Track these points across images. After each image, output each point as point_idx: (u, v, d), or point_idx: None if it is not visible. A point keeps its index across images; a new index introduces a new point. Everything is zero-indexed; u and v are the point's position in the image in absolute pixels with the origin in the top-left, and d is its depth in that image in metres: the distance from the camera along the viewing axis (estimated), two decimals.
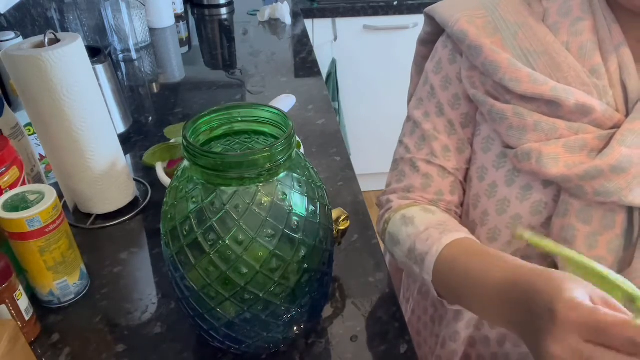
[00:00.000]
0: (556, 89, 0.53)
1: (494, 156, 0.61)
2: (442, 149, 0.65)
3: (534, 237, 0.41)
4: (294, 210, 0.47)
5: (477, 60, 0.58)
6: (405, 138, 0.69)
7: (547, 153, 0.53)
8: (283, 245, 0.47)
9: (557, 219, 0.56)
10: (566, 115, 0.54)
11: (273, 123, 0.51)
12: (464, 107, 0.63)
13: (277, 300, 0.49)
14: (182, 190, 0.48)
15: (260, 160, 0.44)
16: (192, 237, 0.46)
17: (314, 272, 0.51)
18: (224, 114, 0.51)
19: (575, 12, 0.55)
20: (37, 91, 0.66)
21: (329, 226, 0.52)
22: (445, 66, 0.64)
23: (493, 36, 0.57)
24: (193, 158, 0.45)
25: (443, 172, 0.65)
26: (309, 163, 0.52)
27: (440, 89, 0.64)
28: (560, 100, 0.52)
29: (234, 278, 0.47)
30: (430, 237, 0.58)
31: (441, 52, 0.65)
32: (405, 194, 0.67)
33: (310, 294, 0.52)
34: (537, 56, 0.55)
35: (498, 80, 0.56)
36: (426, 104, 0.66)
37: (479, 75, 0.59)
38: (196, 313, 0.51)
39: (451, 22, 0.60)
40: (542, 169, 0.54)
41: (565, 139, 0.53)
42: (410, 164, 0.67)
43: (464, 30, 0.58)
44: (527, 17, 0.57)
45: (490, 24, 0.58)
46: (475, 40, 0.57)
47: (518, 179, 0.58)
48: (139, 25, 1.47)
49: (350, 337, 0.60)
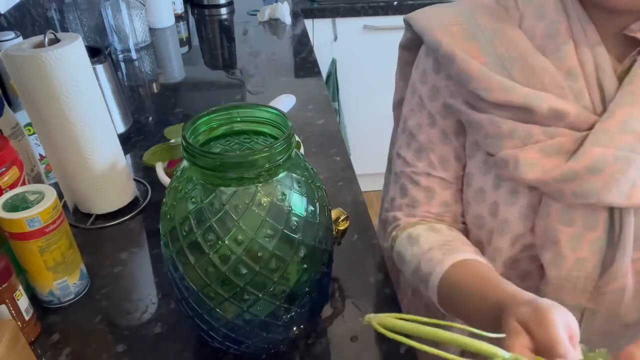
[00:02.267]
0: (528, 96, 0.53)
1: (479, 162, 0.61)
2: (440, 159, 0.65)
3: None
4: (293, 210, 0.47)
5: (450, 69, 0.58)
6: (402, 150, 0.69)
7: (524, 159, 0.54)
8: (282, 246, 0.47)
9: (539, 221, 0.56)
10: (541, 120, 0.53)
11: (273, 123, 0.51)
12: (455, 115, 0.63)
13: (276, 301, 0.49)
14: (181, 190, 0.48)
15: (259, 160, 0.44)
16: (192, 237, 0.46)
17: (314, 272, 0.51)
18: (223, 114, 0.51)
19: (549, 14, 0.55)
20: (37, 91, 0.66)
21: (329, 226, 0.52)
22: (430, 76, 0.63)
23: (470, 43, 0.57)
24: (192, 158, 0.45)
25: (444, 183, 0.65)
26: (308, 163, 0.52)
27: (428, 99, 0.64)
28: (533, 107, 0.52)
29: (234, 278, 0.47)
30: (433, 258, 0.58)
31: (425, 61, 0.64)
32: (411, 209, 0.67)
33: (310, 294, 0.52)
34: (513, 62, 0.55)
35: (471, 89, 0.56)
36: (418, 114, 0.66)
37: (455, 84, 0.59)
38: (196, 313, 0.51)
39: (426, 32, 0.61)
40: (519, 175, 0.54)
41: (542, 143, 0.53)
42: (410, 179, 0.67)
43: (437, 41, 0.59)
44: (503, 23, 0.57)
45: (467, 31, 0.58)
46: (448, 50, 0.57)
47: (504, 183, 0.58)
48: (139, 25, 1.47)
49: (350, 337, 0.60)
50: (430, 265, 0.58)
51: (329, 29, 1.93)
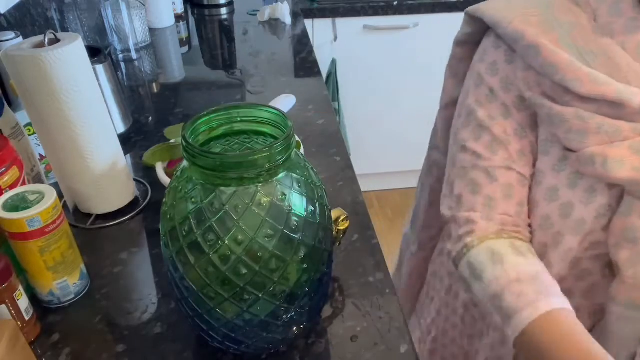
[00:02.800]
0: (620, 90, 0.51)
1: (555, 159, 0.58)
2: (518, 153, 0.61)
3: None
4: (293, 210, 0.47)
5: (534, 61, 0.56)
6: (469, 143, 0.64)
7: (613, 156, 0.51)
8: (282, 246, 0.47)
9: (618, 219, 0.54)
10: (628, 116, 0.51)
11: (273, 123, 0.51)
12: (530, 109, 0.60)
13: (276, 301, 0.49)
14: (181, 190, 0.48)
15: (259, 160, 0.44)
16: (192, 237, 0.46)
17: (314, 272, 0.51)
18: (223, 114, 0.51)
19: (627, 12, 0.53)
20: (37, 91, 0.66)
21: (329, 226, 0.52)
22: (503, 67, 0.61)
23: (549, 34, 0.55)
24: (192, 158, 0.45)
25: (522, 179, 0.62)
26: (308, 163, 0.52)
27: (502, 90, 0.61)
28: (624, 101, 0.50)
29: (234, 278, 0.47)
30: (522, 295, 0.55)
31: (494, 53, 0.62)
32: (487, 210, 0.62)
33: (310, 295, 0.52)
34: (594, 56, 0.53)
35: (558, 80, 0.53)
36: (488, 106, 0.62)
37: (535, 76, 0.57)
38: (196, 313, 0.51)
39: (504, 23, 0.58)
40: (608, 173, 0.52)
41: (631, 140, 0.52)
42: (486, 173, 0.62)
43: (519, 31, 0.57)
44: (579, 17, 0.56)
45: (546, 23, 0.56)
46: (533, 41, 0.55)
47: (581, 182, 0.56)
48: (139, 25, 1.47)
49: (350, 337, 0.60)
50: (519, 301, 0.55)
51: (329, 29, 1.93)
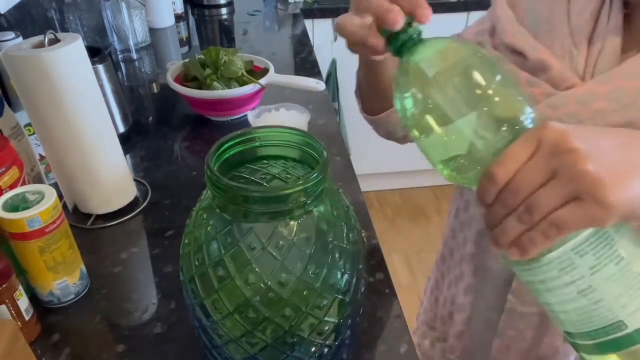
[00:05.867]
0: (526, 44, 0.56)
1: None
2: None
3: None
4: (334, 241, 0.44)
5: (493, 13, 0.63)
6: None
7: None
8: (328, 282, 0.44)
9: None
10: (530, 69, 0.56)
11: (293, 146, 0.48)
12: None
13: (320, 340, 0.47)
14: (201, 215, 0.45)
15: (293, 195, 0.40)
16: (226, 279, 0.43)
17: (355, 303, 0.48)
18: (245, 138, 0.47)
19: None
20: (37, 91, 0.66)
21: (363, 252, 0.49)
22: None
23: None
24: (216, 190, 0.42)
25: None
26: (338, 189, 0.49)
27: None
28: (525, 53, 0.56)
29: (279, 321, 0.43)
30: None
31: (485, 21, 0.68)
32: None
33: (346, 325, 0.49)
34: (542, 21, 0.57)
35: (498, 31, 0.60)
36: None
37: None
38: (213, 344, 0.49)
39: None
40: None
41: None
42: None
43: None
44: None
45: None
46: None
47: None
48: (139, 25, 1.47)
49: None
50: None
51: (329, 29, 1.93)
